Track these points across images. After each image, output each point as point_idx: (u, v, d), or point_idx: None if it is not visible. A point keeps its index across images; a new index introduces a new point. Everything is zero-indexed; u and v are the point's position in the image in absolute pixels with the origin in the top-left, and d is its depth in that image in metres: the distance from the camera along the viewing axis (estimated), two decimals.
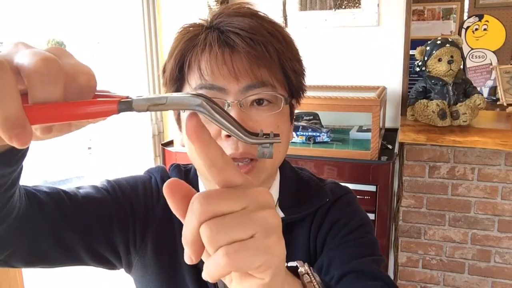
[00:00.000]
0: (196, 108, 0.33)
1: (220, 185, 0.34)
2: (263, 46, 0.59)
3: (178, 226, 0.70)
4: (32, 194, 0.58)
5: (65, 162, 4.37)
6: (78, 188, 0.68)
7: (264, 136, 0.34)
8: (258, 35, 0.59)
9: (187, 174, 0.76)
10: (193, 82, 0.62)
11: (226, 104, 0.59)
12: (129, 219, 0.68)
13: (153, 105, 0.33)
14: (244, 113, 0.60)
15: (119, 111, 0.33)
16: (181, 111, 0.65)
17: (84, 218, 0.63)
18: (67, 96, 0.32)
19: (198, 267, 0.68)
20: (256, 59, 0.59)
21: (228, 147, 0.59)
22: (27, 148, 0.45)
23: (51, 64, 0.31)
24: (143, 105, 0.33)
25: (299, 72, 0.66)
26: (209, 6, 1.99)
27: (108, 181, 0.71)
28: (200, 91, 0.60)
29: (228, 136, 0.59)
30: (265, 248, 0.32)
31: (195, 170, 0.75)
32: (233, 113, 0.59)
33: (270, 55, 0.59)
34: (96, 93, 0.35)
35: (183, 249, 0.34)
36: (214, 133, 0.60)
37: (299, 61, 0.66)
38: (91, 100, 0.33)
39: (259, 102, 0.61)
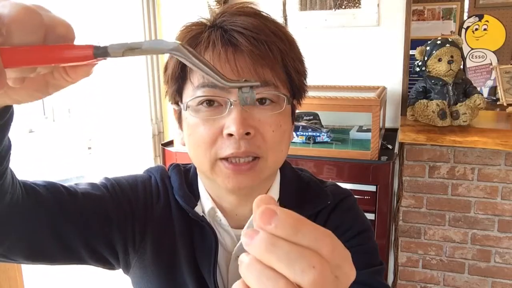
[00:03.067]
0: (173, 52, 0.32)
1: None
2: (267, 46, 0.58)
3: (177, 226, 0.70)
4: (30, 187, 0.57)
5: (65, 162, 4.38)
6: (77, 184, 0.67)
7: (244, 80, 0.34)
8: (262, 34, 0.59)
9: (187, 174, 0.76)
10: (195, 80, 0.61)
11: (229, 102, 0.59)
12: (127, 218, 0.68)
13: (129, 49, 0.33)
14: (246, 112, 0.59)
15: (95, 56, 0.32)
16: (182, 109, 0.64)
17: (83, 213, 0.63)
18: None
19: (198, 268, 0.68)
20: (260, 58, 0.58)
21: (230, 146, 0.59)
22: (8, 124, 0.44)
23: (33, 13, 0.31)
24: (118, 50, 0.33)
25: (301, 72, 0.66)
26: (209, 6, 1.99)
27: (108, 179, 0.70)
28: (203, 89, 0.60)
29: (230, 135, 0.59)
30: None
31: (194, 169, 0.75)
32: (235, 112, 0.58)
33: (274, 55, 0.59)
34: None
35: (182, 249, 0.33)
36: (215, 131, 0.60)
37: (301, 61, 0.66)
38: (66, 44, 0.33)
39: (261, 101, 0.61)
